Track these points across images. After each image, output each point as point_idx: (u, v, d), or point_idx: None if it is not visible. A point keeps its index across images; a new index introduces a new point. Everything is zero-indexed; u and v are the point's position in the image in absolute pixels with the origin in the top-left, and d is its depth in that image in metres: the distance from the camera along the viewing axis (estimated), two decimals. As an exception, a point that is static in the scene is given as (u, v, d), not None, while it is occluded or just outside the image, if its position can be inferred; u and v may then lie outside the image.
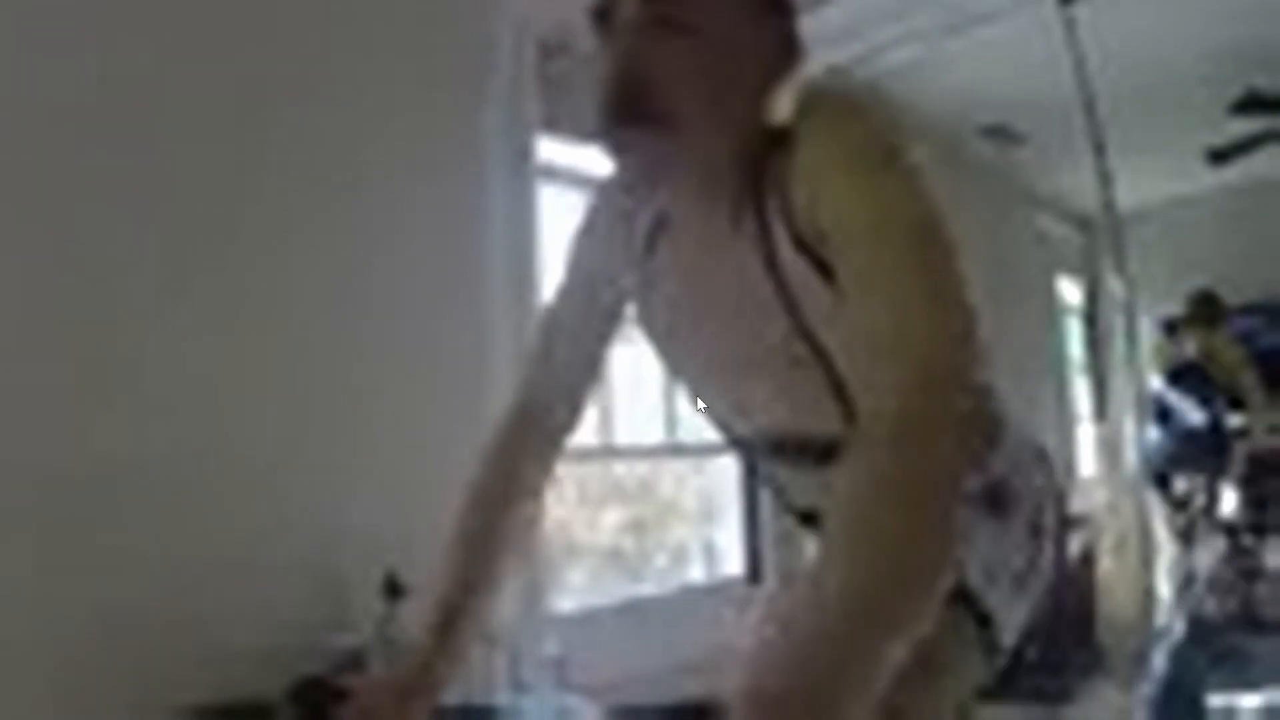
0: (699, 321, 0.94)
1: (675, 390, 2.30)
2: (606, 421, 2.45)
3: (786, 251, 0.81)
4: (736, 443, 1.07)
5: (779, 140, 0.82)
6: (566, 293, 1.07)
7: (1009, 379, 1.06)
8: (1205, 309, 2.98)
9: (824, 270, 0.79)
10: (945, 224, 0.74)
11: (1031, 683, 2.93)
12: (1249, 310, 3.03)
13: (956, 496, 0.66)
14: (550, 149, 2.29)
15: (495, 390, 2.01)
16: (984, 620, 0.89)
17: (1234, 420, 2.93)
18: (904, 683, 0.60)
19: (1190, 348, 2.99)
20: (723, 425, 1.06)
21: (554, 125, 2.23)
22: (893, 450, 0.65)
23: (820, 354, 0.85)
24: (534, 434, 1.08)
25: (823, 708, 0.55)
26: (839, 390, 0.86)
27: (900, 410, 0.66)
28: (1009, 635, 0.92)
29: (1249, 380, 2.92)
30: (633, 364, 1.12)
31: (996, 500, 0.96)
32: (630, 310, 1.03)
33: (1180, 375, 2.98)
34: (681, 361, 1.03)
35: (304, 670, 1.52)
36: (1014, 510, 0.98)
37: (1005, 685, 1.01)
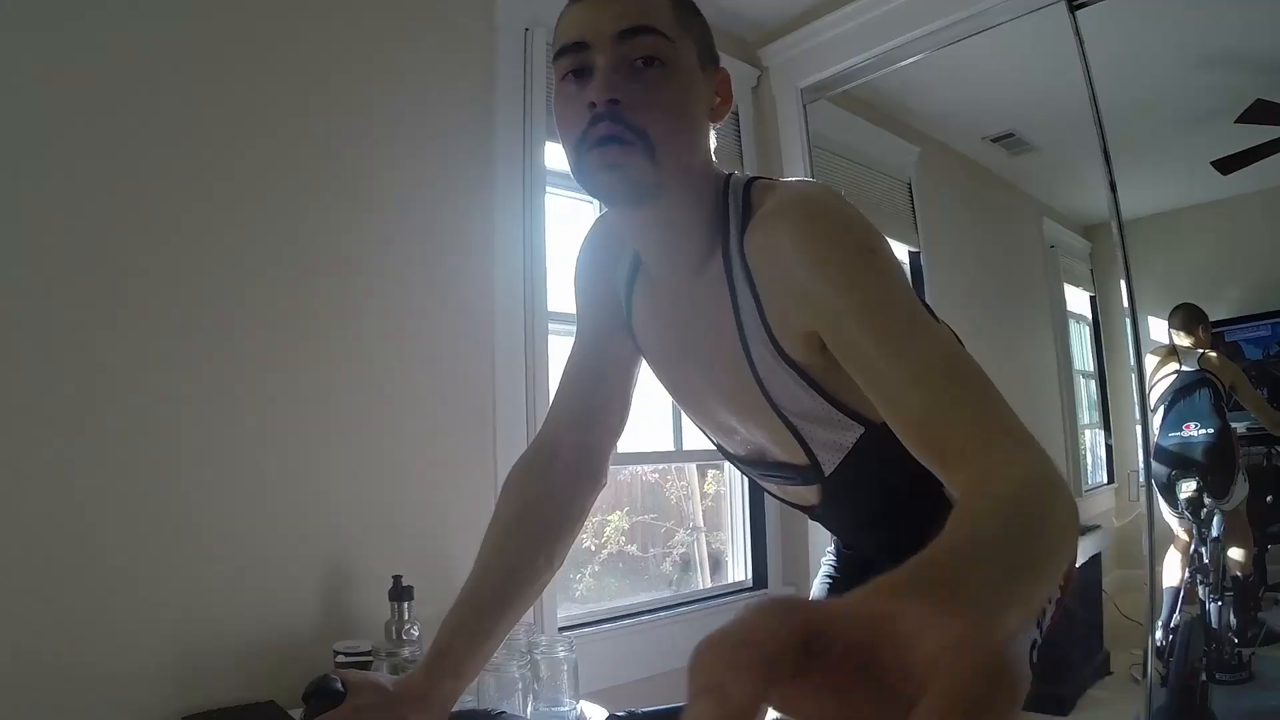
0: (680, 358, 1.03)
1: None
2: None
3: (755, 334, 0.90)
4: (728, 457, 1.15)
5: (742, 207, 0.91)
6: (583, 333, 1.17)
7: (1017, 386, 1.07)
8: (1192, 319, 2.99)
9: (784, 353, 0.89)
10: None
11: (1038, 690, 2.92)
12: (1257, 318, 3.02)
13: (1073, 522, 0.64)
14: (558, 155, 2.30)
15: (502, 395, 2.02)
16: None
17: (1241, 428, 2.92)
18: None
19: (1193, 356, 2.98)
20: (715, 444, 1.15)
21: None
22: (1017, 474, 0.63)
23: (786, 422, 0.95)
24: (565, 456, 1.13)
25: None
26: (803, 443, 0.97)
27: (1007, 455, 0.67)
28: None
29: (1251, 388, 2.92)
30: (638, 371, 1.20)
31: None
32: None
33: (1186, 383, 2.97)
34: (672, 389, 1.12)
35: (312, 673, 1.52)
36: None
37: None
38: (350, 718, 0.84)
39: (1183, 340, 2.97)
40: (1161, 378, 3.02)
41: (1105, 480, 3.74)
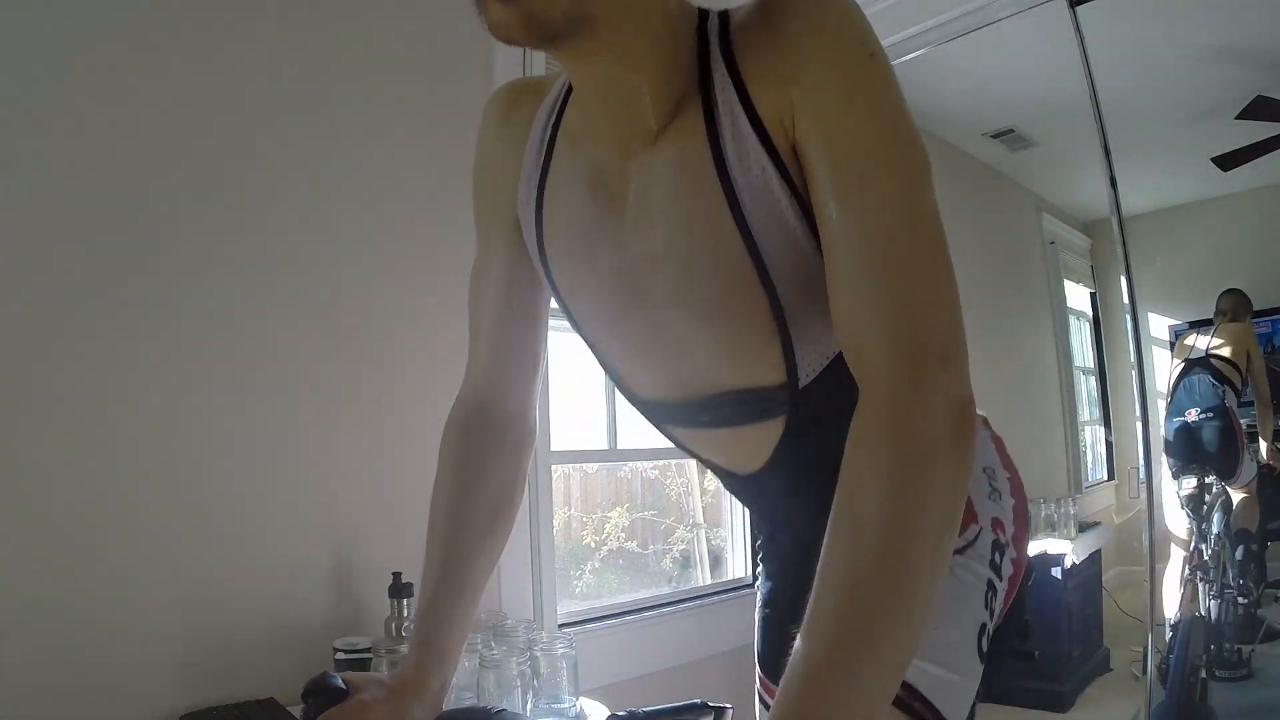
0: (618, 254, 0.80)
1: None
2: (612, 425, 2.46)
3: (745, 151, 0.70)
4: (658, 416, 0.92)
5: (726, 18, 0.73)
6: (487, 251, 0.96)
7: (1017, 382, 1.04)
8: (1232, 304, 3.00)
9: (787, 174, 0.69)
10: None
11: (1038, 686, 2.93)
12: (1257, 315, 3.03)
13: (958, 501, 0.60)
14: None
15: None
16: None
17: (1246, 423, 2.93)
18: None
19: (1200, 341, 3.00)
20: (641, 402, 0.92)
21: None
22: (890, 455, 0.59)
23: (770, 290, 0.74)
24: (494, 420, 0.98)
25: None
26: (785, 335, 0.76)
27: (895, 398, 0.60)
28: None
29: (1261, 359, 2.93)
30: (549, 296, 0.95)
31: None
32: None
33: (1191, 379, 2.98)
34: (583, 307, 0.88)
35: (312, 670, 1.52)
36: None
37: (1013, 690, 0.99)
38: (361, 711, 0.81)
39: (1217, 325, 2.99)
40: (1174, 367, 3.04)
41: (1106, 477, 3.75)
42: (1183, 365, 3.02)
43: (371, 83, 1.89)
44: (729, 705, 0.61)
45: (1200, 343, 3.01)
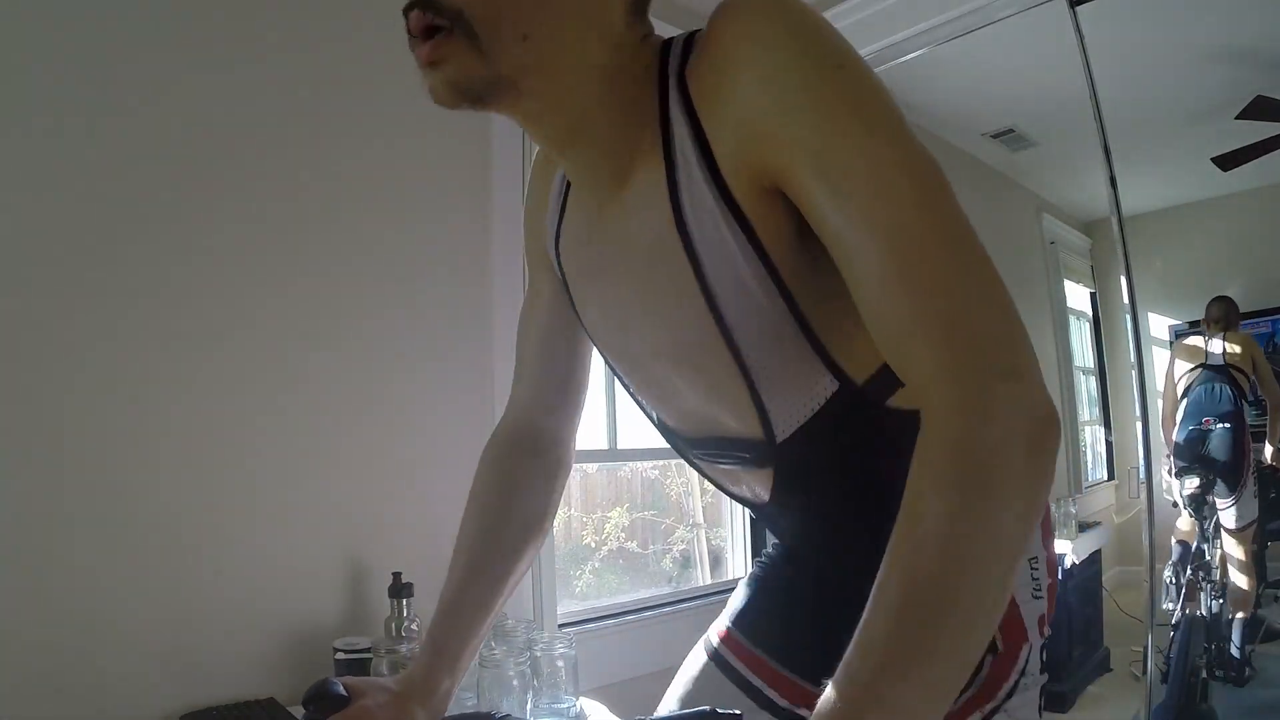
0: (612, 301, 0.81)
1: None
2: (612, 425, 2.46)
3: (702, 208, 0.67)
4: (675, 442, 0.94)
5: (682, 54, 0.70)
6: (535, 289, 1.02)
7: None
8: (1224, 311, 2.99)
9: (748, 230, 0.66)
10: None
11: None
12: (1257, 315, 3.02)
13: (1034, 519, 0.54)
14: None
15: (500, 392, 2.02)
16: None
17: (1250, 423, 2.92)
18: None
19: (1214, 346, 2.99)
20: (661, 427, 0.94)
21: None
22: (954, 477, 0.53)
23: (734, 350, 0.72)
24: (533, 445, 1.03)
25: None
26: (755, 394, 0.75)
27: (957, 418, 0.54)
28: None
29: (1267, 364, 2.93)
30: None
31: None
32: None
33: (1213, 387, 2.98)
34: (600, 344, 0.90)
35: (312, 670, 1.52)
36: None
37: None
38: (364, 717, 0.81)
39: (1209, 331, 2.98)
40: (1186, 371, 3.03)
41: (1106, 477, 3.75)
42: (1199, 372, 3.01)
43: (389, 97, 1.90)
44: (738, 711, 0.60)
45: (1213, 347, 3.00)
